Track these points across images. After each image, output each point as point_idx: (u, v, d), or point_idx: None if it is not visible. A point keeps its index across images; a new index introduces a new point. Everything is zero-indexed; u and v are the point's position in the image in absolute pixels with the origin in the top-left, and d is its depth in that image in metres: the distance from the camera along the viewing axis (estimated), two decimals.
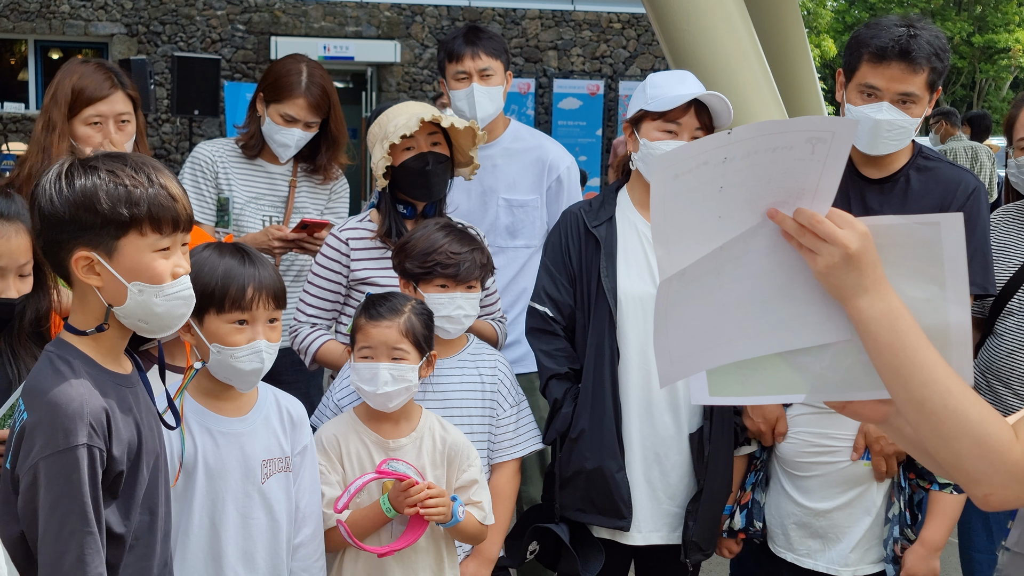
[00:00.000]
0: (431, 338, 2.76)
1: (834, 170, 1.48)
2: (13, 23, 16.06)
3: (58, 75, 3.29)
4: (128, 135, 3.32)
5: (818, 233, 1.49)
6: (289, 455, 2.50)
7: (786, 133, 1.46)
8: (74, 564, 1.82)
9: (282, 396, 2.57)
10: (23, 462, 1.85)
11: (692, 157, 1.48)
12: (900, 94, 2.96)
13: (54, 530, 1.82)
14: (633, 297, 3.06)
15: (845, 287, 1.49)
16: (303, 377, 3.83)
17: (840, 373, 1.58)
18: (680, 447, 3.07)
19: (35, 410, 1.87)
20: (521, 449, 3.04)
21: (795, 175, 1.48)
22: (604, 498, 3.02)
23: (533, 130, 4.15)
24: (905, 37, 2.92)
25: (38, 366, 1.95)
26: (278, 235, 3.68)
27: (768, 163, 1.47)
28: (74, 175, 1.90)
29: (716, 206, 1.50)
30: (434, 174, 3.18)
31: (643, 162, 3.09)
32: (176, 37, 16.30)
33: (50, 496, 1.82)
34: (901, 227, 1.52)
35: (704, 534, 3.10)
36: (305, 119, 3.78)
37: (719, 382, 1.64)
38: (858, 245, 1.48)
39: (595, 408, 3.03)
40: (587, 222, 3.13)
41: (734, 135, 1.46)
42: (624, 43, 17.59)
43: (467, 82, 3.79)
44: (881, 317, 1.48)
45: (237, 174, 3.86)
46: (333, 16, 16.81)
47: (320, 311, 3.26)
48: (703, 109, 3.04)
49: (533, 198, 3.85)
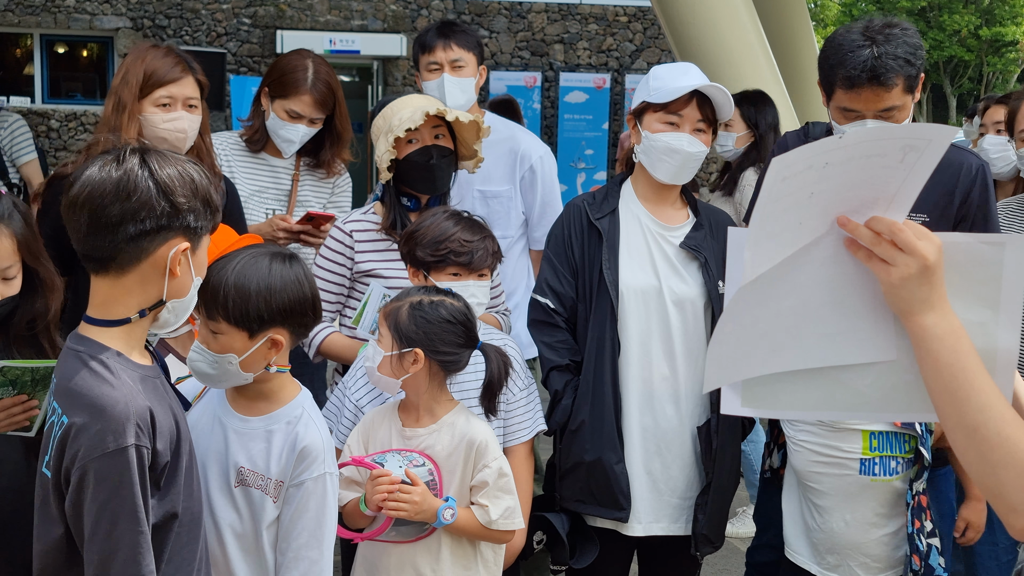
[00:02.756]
0: (425, 335, 2.64)
1: (919, 179, 1.45)
2: (19, 17, 16.09)
3: (128, 58, 3.29)
4: (195, 120, 3.31)
5: (897, 242, 1.45)
6: (273, 478, 2.35)
7: (889, 140, 1.42)
8: (124, 563, 1.84)
9: (307, 424, 2.38)
10: (69, 463, 1.85)
11: (804, 159, 1.43)
12: (880, 112, 2.94)
13: (104, 530, 1.83)
14: (635, 290, 3.06)
15: (914, 301, 1.46)
16: (307, 371, 3.85)
17: (881, 392, 1.57)
18: (682, 439, 3.08)
19: (78, 412, 1.85)
20: (529, 431, 3.01)
21: (875, 183, 1.45)
22: (603, 489, 3.03)
23: (506, 121, 4.16)
24: (871, 60, 2.86)
25: (70, 367, 1.92)
26: (283, 226, 3.69)
27: (858, 170, 1.44)
28: (183, 166, 1.92)
29: (800, 213, 1.47)
30: (438, 168, 3.19)
31: (645, 154, 3.09)
32: (181, 31, 16.31)
33: (100, 497, 1.83)
34: (966, 245, 1.49)
35: (713, 526, 3.10)
36: (310, 115, 3.78)
37: (753, 393, 1.61)
38: (935, 258, 1.44)
39: (595, 400, 3.03)
40: (590, 214, 3.14)
41: (846, 138, 1.42)
42: (630, 36, 17.57)
43: (438, 73, 3.85)
44: (945, 336, 1.45)
45: (241, 167, 3.87)
46: (339, 10, 16.80)
47: (325, 303, 3.27)
48: (705, 101, 3.04)
49: (506, 188, 3.89)
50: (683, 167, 3.06)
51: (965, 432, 1.44)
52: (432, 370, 2.68)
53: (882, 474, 2.97)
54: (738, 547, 4.86)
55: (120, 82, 3.24)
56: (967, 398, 1.43)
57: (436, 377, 2.70)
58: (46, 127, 16.12)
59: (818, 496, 3.05)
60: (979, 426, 1.42)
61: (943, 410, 1.46)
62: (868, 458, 2.98)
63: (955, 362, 1.43)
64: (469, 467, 2.69)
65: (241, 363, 2.31)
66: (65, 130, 16.21)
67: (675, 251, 3.10)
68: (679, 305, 3.06)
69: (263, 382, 2.39)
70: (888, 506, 3.00)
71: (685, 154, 3.03)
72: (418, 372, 2.65)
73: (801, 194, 1.45)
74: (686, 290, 3.07)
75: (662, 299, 3.06)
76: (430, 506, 2.60)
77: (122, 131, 3.16)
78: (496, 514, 2.67)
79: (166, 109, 3.24)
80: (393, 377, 2.66)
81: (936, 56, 31.92)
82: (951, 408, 1.45)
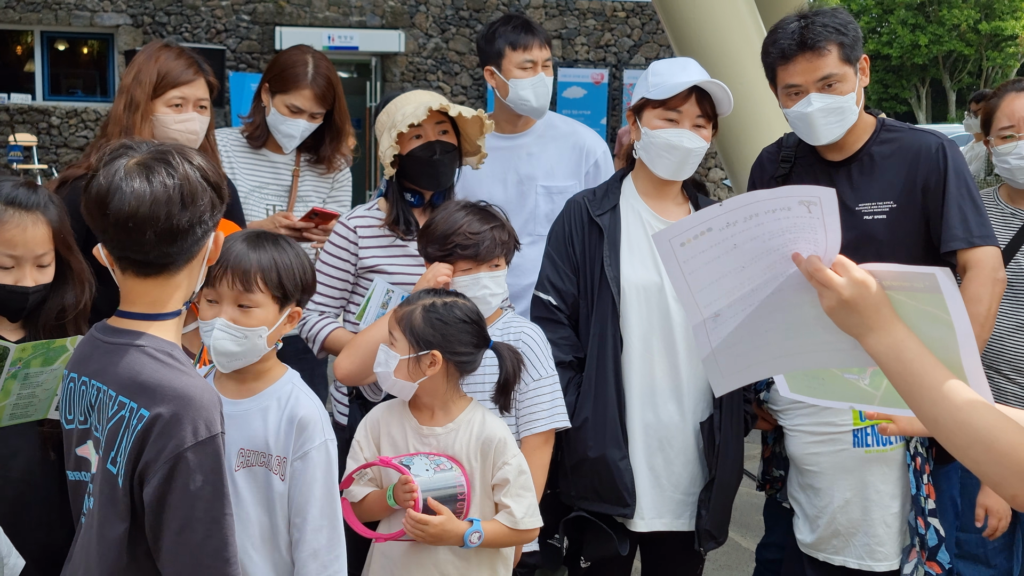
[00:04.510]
0: (443, 337, 2.65)
1: (833, 227, 1.64)
2: (19, 14, 16.09)
3: (139, 57, 3.30)
4: (205, 120, 3.32)
5: (817, 280, 1.65)
6: (273, 454, 2.38)
7: (775, 199, 1.64)
8: (219, 547, 1.88)
9: (299, 396, 2.43)
10: (154, 456, 1.85)
11: (692, 228, 1.68)
12: (819, 80, 2.99)
13: (200, 517, 1.86)
14: (636, 285, 3.07)
15: (850, 326, 1.65)
16: (307, 367, 3.85)
17: (880, 390, 1.76)
18: (684, 435, 3.08)
19: (164, 404, 1.86)
20: (544, 424, 2.95)
21: (803, 228, 1.65)
22: (607, 486, 3.03)
23: (565, 117, 4.18)
24: (799, 29, 2.98)
25: (133, 360, 1.92)
26: (285, 223, 3.69)
27: (772, 221, 1.65)
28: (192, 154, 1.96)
29: (735, 260, 1.69)
30: (441, 163, 3.19)
31: (645, 150, 3.10)
32: (181, 28, 16.32)
33: (195, 484, 1.85)
34: (903, 273, 1.64)
35: (717, 522, 3.11)
36: (310, 110, 3.79)
37: (795, 382, 1.85)
38: (851, 292, 1.62)
39: (598, 397, 3.03)
40: (590, 211, 3.14)
41: (725, 206, 1.66)
42: (628, 32, 17.57)
43: (532, 71, 3.81)
44: (887, 351, 1.61)
45: (241, 163, 3.88)
46: (337, 6, 16.80)
47: (328, 299, 3.28)
48: (705, 97, 3.05)
49: (572, 184, 3.88)
50: (683, 163, 3.07)
51: (930, 424, 1.60)
52: (448, 371, 2.68)
53: (875, 444, 2.99)
54: (741, 543, 4.87)
55: (132, 81, 3.25)
56: (921, 397, 1.59)
57: (452, 378, 2.70)
58: (47, 124, 16.13)
59: (817, 479, 3.07)
60: (937, 418, 1.58)
61: (912, 409, 1.63)
62: (860, 428, 2.99)
63: (902, 369, 1.61)
64: (488, 465, 2.70)
65: (269, 337, 2.38)
66: (66, 127, 16.21)
67: None
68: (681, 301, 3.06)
69: (260, 362, 2.43)
70: (889, 482, 3.00)
71: (685, 150, 3.04)
72: (435, 374, 2.65)
73: (721, 247, 1.68)
74: None
75: (663, 295, 3.07)
76: (455, 531, 2.59)
77: (135, 131, 3.17)
78: (521, 512, 2.67)
79: (178, 110, 3.26)
80: (410, 380, 2.66)
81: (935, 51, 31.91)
82: (914, 407, 1.62)
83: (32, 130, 15.98)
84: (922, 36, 31.76)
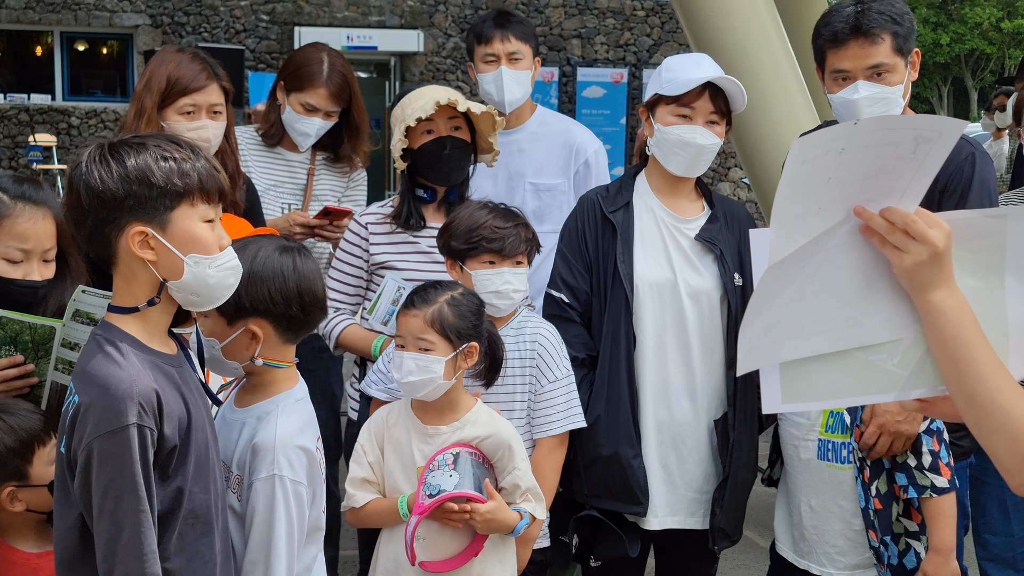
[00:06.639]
0: (475, 327, 2.67)
1: (930, 170, 1.54)
2: (39, 15, 16.18)
3: (152, 63, 3.29)
4: (220, 126, 3.31)
5: (910, 232, 1.55)
6: (234, 472, 2.27)
7: (902, 129, 1.51)
8: (129, 541, 1.86)
9: (272, 420, 2.26)
10: (76, 444, 1.89)
11: (822, 143, 1.52)
12: (869, 68, 2.94)
13: (109, 509, 1.86)
14: (649, 283, 3.05)
15: (926, 282, 1.57)
16: (323, 365, 3.86)
17: (908, 369, 1.66)
18: (698, 433, 3.07)
19: (86, 392, 1.91)
20: (559, 426, 2.94)
21: (890, 173, 1.55)
22: (620, 484, 3.01)
23: (560, 115, 4.13)
24: (854, 14, 2.94)
25: (87, 349, 1.99)
26: (300, 221, 3.70)
27: (873, 158, 1.53)
28: (122, 153, 1.94)
29: (819, 197, 1.56)
30: (451, 158, 3.18)
31: (658, 147, 3.08)
32: (200, 28, 16.37)
33: (104, 475, 1.86)
34: (971, 220, 1.59)
35: (731, 520, 3.10)
36: (326, 108, 3.79)
37: (791, 388, 1.70)
38: (945, 244, 1.55)
39: (611, 394, 3.02)
40: (604, 207, 3.12)
41: (860, 125, 1.51)
42: (648, 31, 17.53)
43: (495, 65, 3.78)
44: (951, 311, 1.56)
45: (257, 162, 3.88)
46: (356, 6, 16.83)
47: (343, 295, 3.28)
48: (719, 93, 3.02)
49: (560, 182, 3.85)
50: (696, 160, 3.05)
51: (964, 399, 1.56)
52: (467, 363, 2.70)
53: (835, 460, 2.94)
54: (757, 542, 4.85)
55: (143, 88, 3.25)
56: (967, 368, 1.55)
57: (460, 375, 2.70)
58: (66, 124, 16.22)
59: (791, 479, 3.06)
60: (976, 395, 1.55)
61: (946, 377, 1.59)
62: (825, 440, 2.95)
63: (959, 335, 1.55)
64: (498, 466, 2.71)
65: (223, 350, 2.28)
66: (85, 127, 16.30)
67: (690, 243, 3.09)
68: (694, 298, 3.05)
69: (258, 374, 2.33)
70: (849, 500, 2.94)
71: (698, 147, 3.02)
72: None
73: (819, 179, 1.54)
74: (701, 283, 3.06)
75: (677, 292, 3.05)
76: (508, 520, 2.66)
77: None
78: (542, 514, 2.73)
79: (190, 117, 3.24)
80: (449, 380, 2.65)
81: (958, 49, 31.71)
82: (953, 376, 1.57)
83: (52, 130, 16.06)
84: (944, 35, 31.59)
